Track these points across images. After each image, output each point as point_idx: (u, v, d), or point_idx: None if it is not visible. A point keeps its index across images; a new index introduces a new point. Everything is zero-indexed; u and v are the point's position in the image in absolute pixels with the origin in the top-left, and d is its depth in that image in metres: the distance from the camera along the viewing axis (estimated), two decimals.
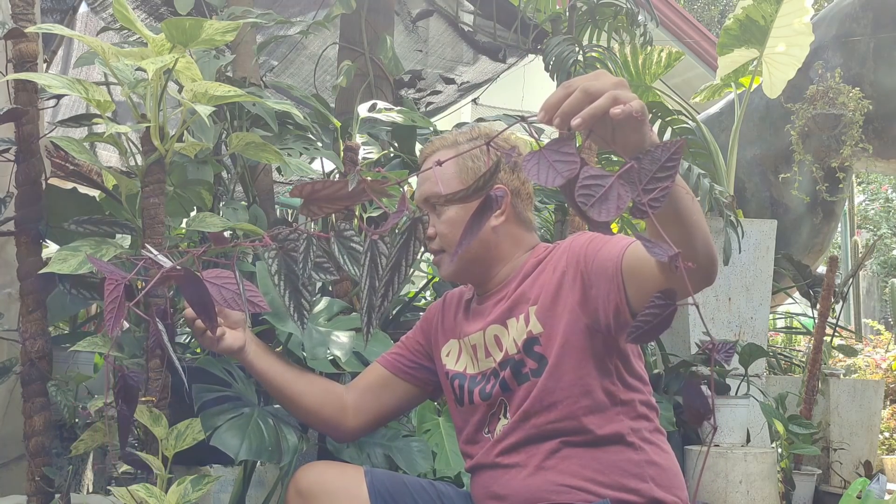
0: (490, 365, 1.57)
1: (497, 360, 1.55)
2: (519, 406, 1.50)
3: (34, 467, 1.83)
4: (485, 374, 1.58)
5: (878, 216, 12.29)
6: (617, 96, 1.04)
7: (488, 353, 1.57)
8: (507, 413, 1.52)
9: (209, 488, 1.64)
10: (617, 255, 1.38)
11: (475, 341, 1.59)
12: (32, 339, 1.86)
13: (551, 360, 1.47)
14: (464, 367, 1.62)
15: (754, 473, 2.89)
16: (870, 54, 4.72)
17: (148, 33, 1.73)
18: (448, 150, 1.60)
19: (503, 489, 1.49)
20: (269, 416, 1.94)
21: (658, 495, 1.44)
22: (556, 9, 4.05)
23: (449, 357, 1.66)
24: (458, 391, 1.62)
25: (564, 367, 1.46)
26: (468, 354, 1.61)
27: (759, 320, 3.56)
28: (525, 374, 1.50)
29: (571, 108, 1.05)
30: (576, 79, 1.08)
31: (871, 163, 4.95)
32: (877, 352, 5.95)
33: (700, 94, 4.87)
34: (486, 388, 1.56)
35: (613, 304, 1.39)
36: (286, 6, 4.46)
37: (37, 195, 1.93)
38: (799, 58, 4.22)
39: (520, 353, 1.51)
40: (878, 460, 4.17)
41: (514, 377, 1.51)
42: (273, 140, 2.41)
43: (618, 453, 1.45)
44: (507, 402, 1.53)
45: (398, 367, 1.72)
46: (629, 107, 1.04)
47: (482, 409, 1.56)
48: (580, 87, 1.05)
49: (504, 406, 1.53)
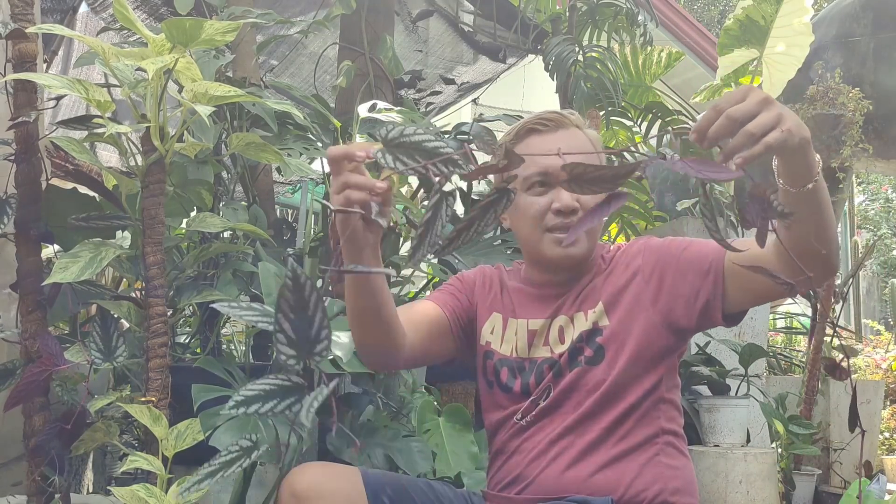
0: (545, 354, 1.53)
1: (557, 353, 1.52)
2: (565, 391, 1.48)
3: (34, 467, 1.83)
4: (535, 363, 1.53)
5: (878, 216, 12.30)
6: (764, 123, 1.04)
7: (547, 342, 1.54)
8: (548, 398, 1.50)
9: (209, 488, 1.64)
10: (713, 252, 1.39)
11: (537, 327, 1.54)
12: (32, 339, 1.86)
13: (609, 352, 1.46)
14: (510, 350, 1.57)
15: (754, 473, 2.89)
16: (870, 54, 4.72)
17: (148, 33, 1.73)
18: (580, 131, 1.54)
19: (531, 474, 1.48)
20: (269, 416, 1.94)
21: (674, 500, 1.45)
22: (556, 9, 4.05)
23: (493, 335, 1.59)
24: (502, 378, 1.56)
25: (620, 361, 1.46)
26: (521, 337, 1.56)
27: (759, 320, 3.56)
28: (579, 361, 1.48)
29: (717, 134, 1.04)
30: (723, 98, 1.07)
31: (871, 163, 4.96)
32: (877, 352, 5.95)
33: (700, 94, 4.87)
34: (529, 380, 1.52)
35: (704, 299, 1.40)
36: (286, 6, 4.47)
37: (37, 195, 1.93)
38: (799, 58, 4.22)
39: (582, 341, 1.49)
40: (878, 460, 4.17)
41: (569, 362, 1.49)
42: (273, 140, 2.41)
43: (648, 453, 1.46)
44: (552, 386, 1.50)
45: (449, 308, 1.59)
46: (782, 134, 1.04)
47: (520, 398, 1.53)
48: (725, 113, 1.04)
49: (548, 390, 1.51)
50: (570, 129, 1.53)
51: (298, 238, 3.32)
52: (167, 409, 1.74)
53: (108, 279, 3.46)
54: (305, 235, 3.35)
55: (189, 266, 2.12)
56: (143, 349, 1.79)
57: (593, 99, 3.47)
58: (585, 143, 1.52)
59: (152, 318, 1.77)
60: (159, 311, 1.78)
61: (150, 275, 1.78)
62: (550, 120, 1.53)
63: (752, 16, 4.17)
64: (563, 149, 1.40)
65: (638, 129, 4.09)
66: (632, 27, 3.66)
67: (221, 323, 2.53)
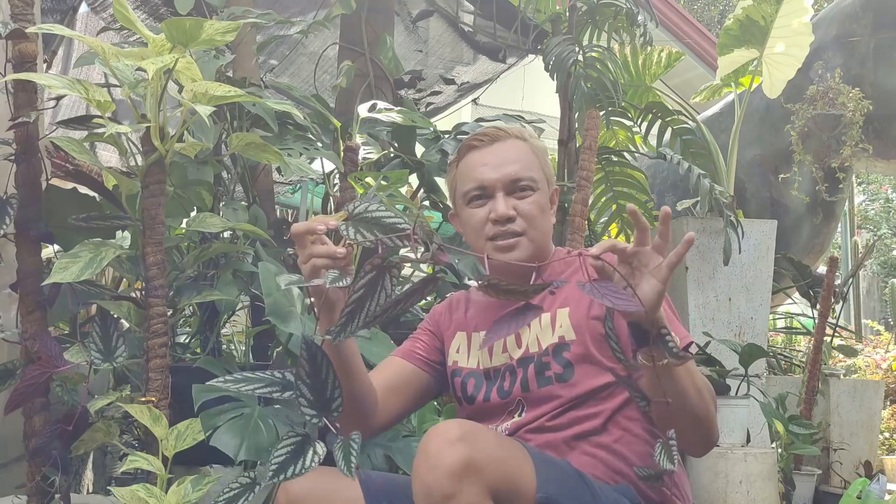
0: (505, 361, 1.56)
1: (515, 357, 1.55)
2: (537, 407, 1.50)
3: (34, 467, 1.83)
4: (499, 371, 1.57)
5: (878, 216, 12.30)
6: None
7: (505, 348, 1.57)
8: (524, 412, 1.52)
9: (209, 488, 1.64)
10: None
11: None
12: (32, 339, 1.86)
13: (578, 368, 1.48)
14: (476, 363, 1.61)
15: (754, 473, 2.89)
16: (870, 54, 4.72)
17: (148, 33, 1.73)
18: (519, 141, 1.62)
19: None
20: (269, 416, 1.94)
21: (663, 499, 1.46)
22: (556, 9, 4.05)
23: (459, 353, 1.64)
24: (468, 389, 1.60)
25: (589, 375, 1.48)
26: (483, 349, 1.60)
27: (759, 320, 3.56)
28: (548, 378, 1.50)
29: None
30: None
31: (871, 163, 4.96)
32: (877, 352, 5.95)
33: (700, 95, 4.87)
34: (503, 385, 1.55)
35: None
36: (286, 6, 4.47)
37: (37, 196, 1.93)
38: (799, 58, 4.22)
39: (547, 355, 1.51)
40: (878, 460, 4.17)
41: (536, 378, 1.51)
42: (273, 140, 2.41)
43: (633, 450, 1.47)
44: (524, 402, 1.52)
45: (417, 357, 1.67)
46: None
47: (498, 407, 1.56)
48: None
49: (522, 406, 1.53)
50: (507, 140, 1.61)
51: None
52: (167, 409, 1.74)
53: (108, 279, 3.46)
54: None
55: (189, 266, 2.12)
56: (143, 349, 1.79)
57: (593, 99, 3.47)
58: (523, 152, 1.60)
59: (152, 318, 1.77)
60: (159, 311, 1.78)
61: (150, 275, 1.78)
62: (486, 135, 1.62)
63: (752, 16, 4.17)
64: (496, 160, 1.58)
65: (638, 129, 4.08)
66: (632, 27, 3.66)
67: (221, 323, 2.53)
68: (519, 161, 1.59)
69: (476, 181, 1.58)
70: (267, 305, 1.98)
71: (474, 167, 1.59)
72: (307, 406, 1.16)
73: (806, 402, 3.77)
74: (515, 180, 1.57)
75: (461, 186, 1.62)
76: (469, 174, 1.60)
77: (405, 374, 1.65)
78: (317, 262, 1.32)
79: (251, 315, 2.85)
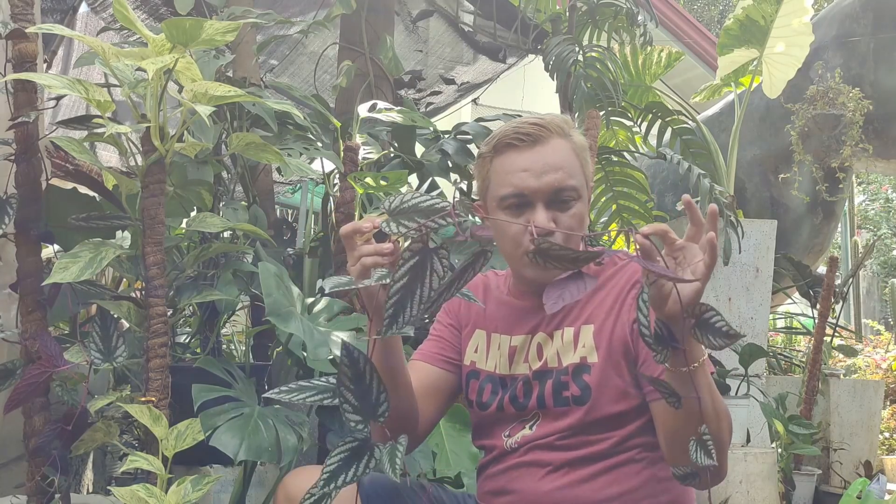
0: (524, 371, 1.52)
1: (532, 369, 1.50)
2: (550, 424, 1.47)
3: (34, 467, 1.83)
4: (515, 379, 1.52)
5: (878, 216, 12.30)
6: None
7: (526, 359, 1.53)
8: (535, 427, 1.49)
9: (209, 488, 1.64)
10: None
11: (518, 343, 1.54)
12: (32, 339, 1.86)
13: (596, 392, 1.45)
14: (494, 366, 1.56)
15: (754, 473, 2.89)
16: (870, 54, 4.72)
17: (148, 33, 1.73)
18: (562, 140, 1.50)
19: (516, 487, 1.49)
20: (269, 416, 1.94)
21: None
22: (556, 9, 4.05)
23: (477, 354, 1.59)
24: (484, 396, 1.56)
25: (607, 401, 1.45)
26: (503, 353, 1.56)
27: (759, 320, 3.56)
28: (566, 398, 1.46)
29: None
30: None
31: (871, 163, 4.96)
32: (877, 352, 5.96)
33: (700, 94, 4.87)
34: (518, 397, 1.51)
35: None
36: (286, 6, 4.47)
37: (37, 196, 1.93)
38: (799, 58, 4.22)
39: (566, 374, 1.47)
40: (878, 460, 4.17)
41: (553, 396, 1.48)
42: (273, 140, 2.41)
43: (640, 474, 1.45)
44: (540, 416, 1.49)
45: (442, 359, 1.61)
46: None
47: (510, 416, 1.53)
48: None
49: (536, 418, 1.50)
50: (549, 142, 1.49)
51: (298, 238, 3.32)
52: (167, 409, 1.74)
53: (108, 279, 3.46)
54: (305, 235, 3.35)
55: (189, 266, 2.12)
56: (143, 349, 1.79)
57: (593, 99, 3.47)
58: (566, 156, 1.49)
59: (152, 318, 1.77)
60: (159, 311, 1.78)
61: (150, 275, 1.78)
62: (528, 134, 1.49)
63: (752, 16, 4.17)
64: (539, 166, 1.46)
65: (638, 129, 4.08)
66: (632, 27, 3.66)
67: (221, 323, 2.53)
68: (562, 168, 1.47)
69: (515, 187, 1.47)
70: (267, 305, 1.98)
71: (513, 171, 1.47)
72: (352, 412, 1.15)
73: (806, 402, 3.78)
74: (558, 190, 1.46)
75: (496, 188, 1.51)
76: (507, 178, 1.48)
77: (432, 379, 1.59)
78: (366, 261, 1.28)
79: (251, 315, 2.86)
